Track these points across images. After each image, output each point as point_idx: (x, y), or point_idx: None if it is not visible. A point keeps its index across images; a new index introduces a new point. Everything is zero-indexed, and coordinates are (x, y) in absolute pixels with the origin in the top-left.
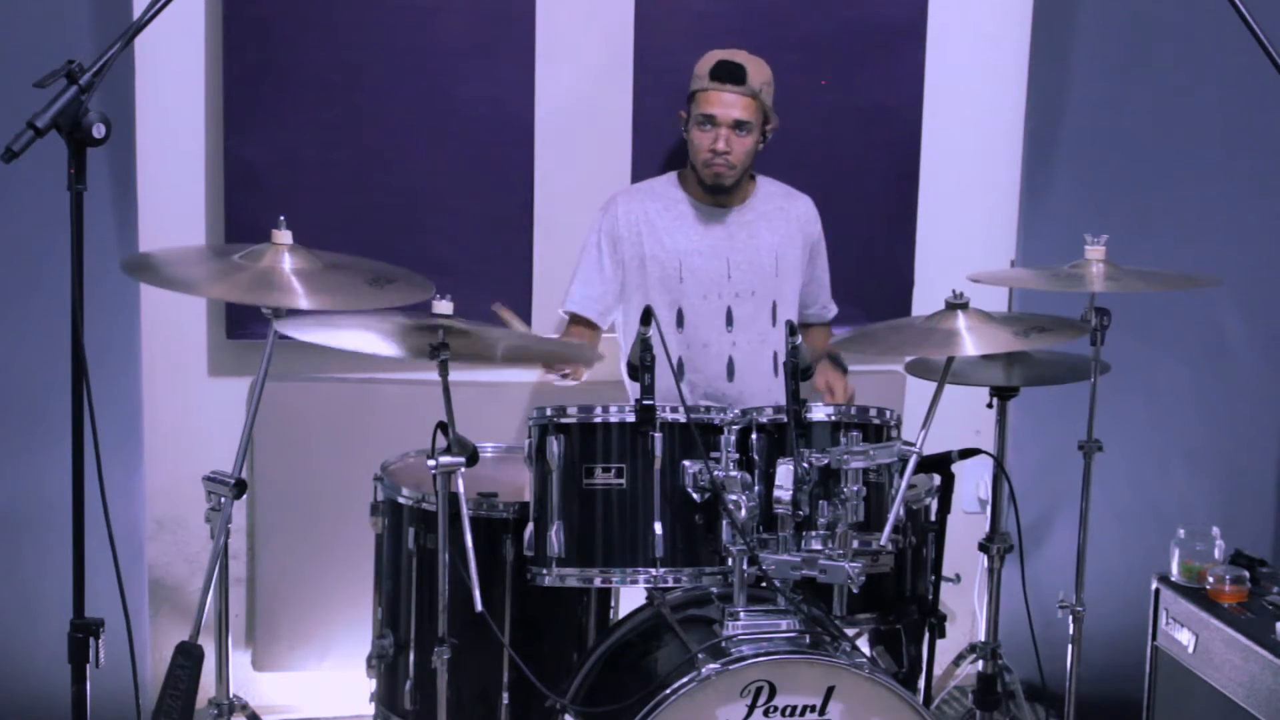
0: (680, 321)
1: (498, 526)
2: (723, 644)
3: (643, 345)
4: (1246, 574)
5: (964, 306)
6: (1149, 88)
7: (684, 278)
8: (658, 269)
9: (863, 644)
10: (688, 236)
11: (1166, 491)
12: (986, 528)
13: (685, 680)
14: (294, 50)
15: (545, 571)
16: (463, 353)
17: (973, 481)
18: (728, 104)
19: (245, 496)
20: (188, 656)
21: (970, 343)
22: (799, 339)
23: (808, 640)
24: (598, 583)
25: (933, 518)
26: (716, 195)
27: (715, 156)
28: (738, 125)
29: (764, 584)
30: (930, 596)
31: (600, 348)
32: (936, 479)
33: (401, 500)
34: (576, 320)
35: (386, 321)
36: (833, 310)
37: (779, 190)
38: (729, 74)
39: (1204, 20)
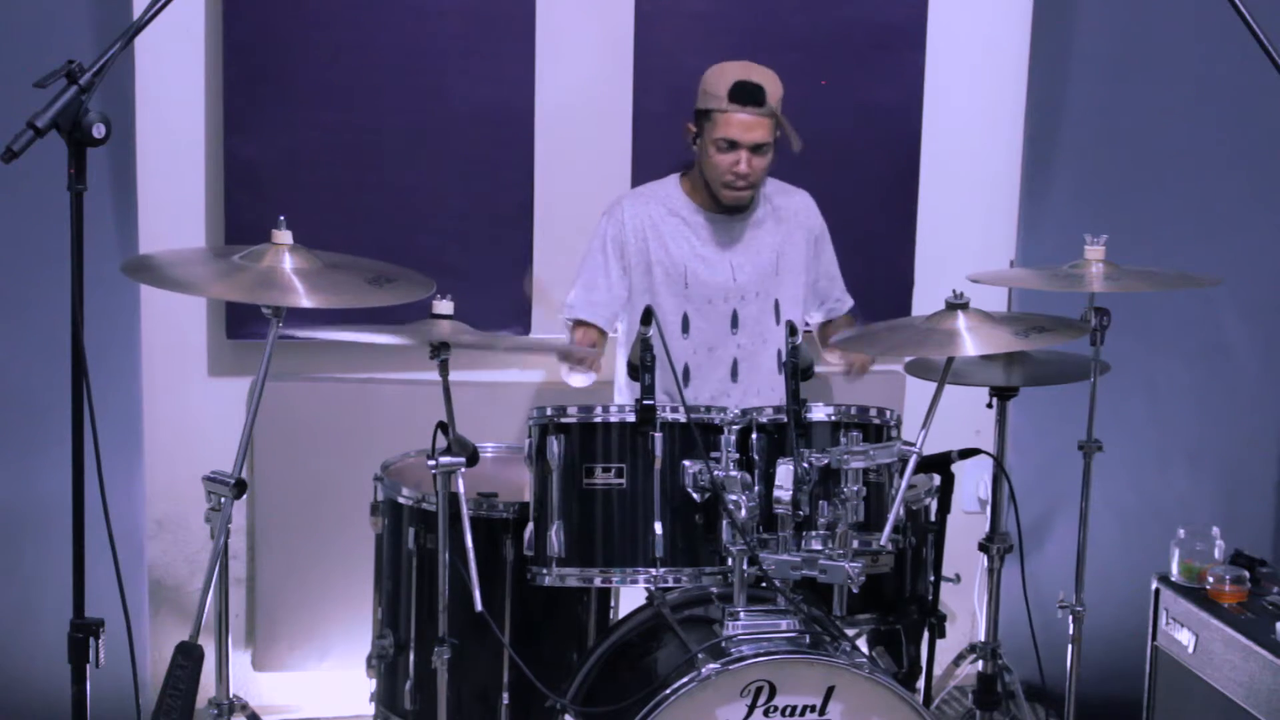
0: (686, 327)
1: (498, 526)
2: (723, 644)
3: (643, 345)
4: (1246, 574)
5: (964, 306)
6: (1149, 88)
7: (689, 283)
8: (663, 274)
9: (863, 644)
10: (691, 243)
11: (1166, 491)
12: (986, 528)
13: (685, 680)
14: (294, 50)
15: (545, 571)
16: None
17: (973, 481)
18: (748, 126)
19: (245, 496)
20: (188, 656)
21: (970, 343)
22: (799, 339)
23: (808, 640)
24: (598, 583)
25: (933, 518)
26: (730, 211)
27: (737, 179)
28: (757, 147)
29: (764, 584)
30: (930, 596)
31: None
32: (936, 479)
33: (401, 500)
34: (581, 326)
35: (387, 323)
36: (848, 302)
37: (775, 188)
38: (749, 96)
39: (1204, 20)
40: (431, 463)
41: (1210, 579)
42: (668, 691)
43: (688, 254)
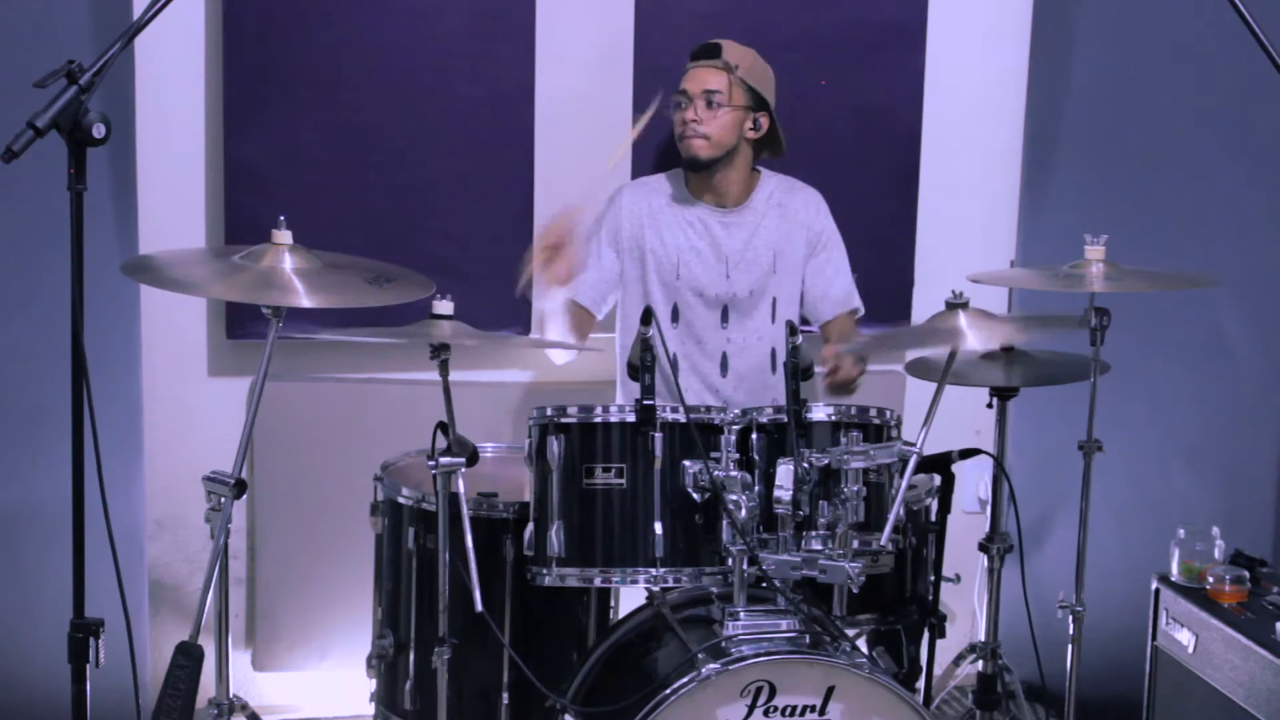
0: (675, 317)
1: (498, 526)
2: (723, 644)
3: (643, 345)
4: (1246, 574)
5: (964, 306)
6: (1149, 88)
7: (681, 274)
8: (655, 264)
9: (863, 644)
10: (686, 235)
11: (1166, 491)
12: (986, 528)
13: (685, 680)
14: (294, 50)
15: (545, 571)
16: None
17: (973, 481)
18: (700, 79)
19: (245, 496)
20: (188, 656)
21: (972, 336)
22: (799, 339)
23: (808, 640)
24: (598, 583)
25: (933, 518)
26: (691, 169)
27: (686, 128)
28: (710, 97)
29: (764, 584)
30: (930, 597)
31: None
32: (936, 479)
33: (401, 500)
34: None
35: (388, 324)
36: (854, 304)
37: (781, 185)
38: (704, 51)
39: (1204, 20)
40: (431, 463)
41: (1210, 579)
42: (668, 691)
43: (682, 245)
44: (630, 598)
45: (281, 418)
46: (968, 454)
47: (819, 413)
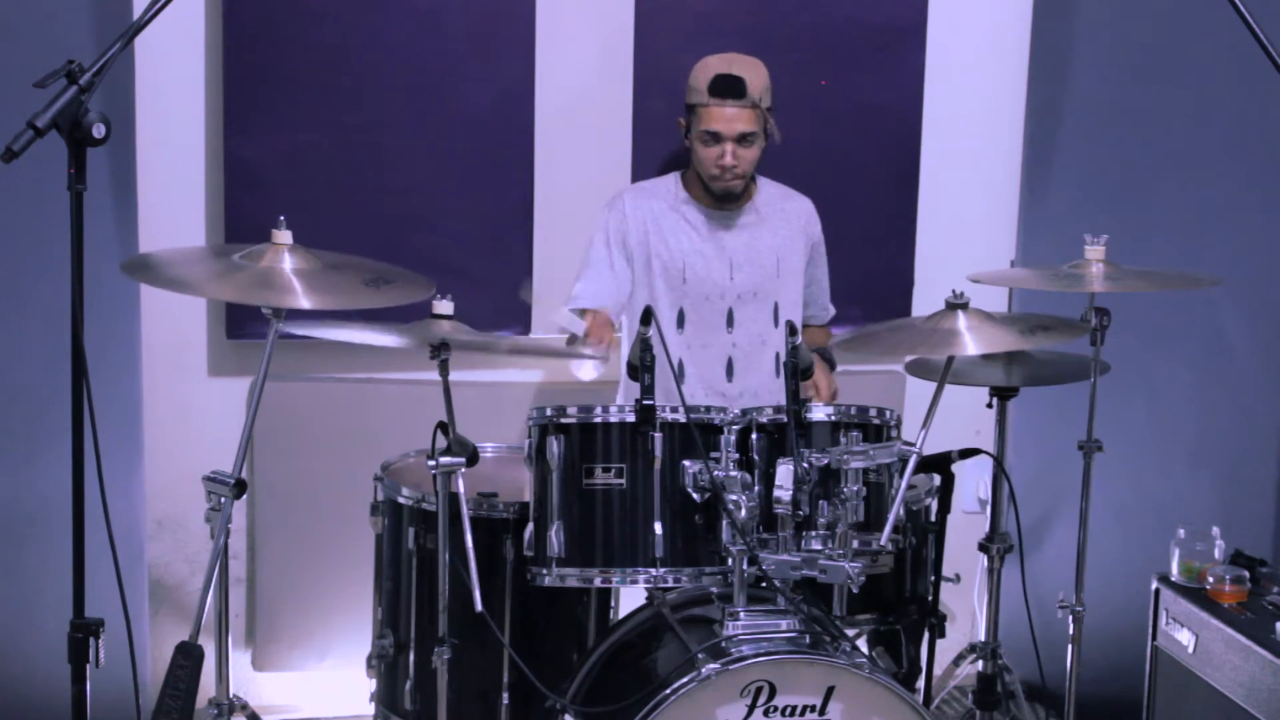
0: (681, 322)
1: (498, 526)
2: (723, 644)
3: (642, 345)
4: (1246, 574)
5: (964, 306)
6: (1149, 88)
7: (687, 278)
8: (661, 268)
9: (863, 644)
10: (690, 238)
11: (1166, 491)
12: (986, 528)
13: (685, 680)
14: (294, 50)
15: (545, 571)
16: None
17: (973, 481)
18: (730, 119)
19: (245, 496)
20: (188, 656)
21: (970, 342)
22: (799, 339)
23: (808, 640)
24: (598, 583)
25: (933, 518)
26: (722, 201)
27: (724, 172)
28: (742, 138)
29: (764, 584)
30: (930, 597)
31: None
32: (936, 479)
33: (401, 500)
34: (588, 316)
35: (388, 324)
36: (830, 312)
37: (779, 192)
38: (729, 89)
39: (1204, 20)
40: (431, 463)
41: (1210, 579)
42: (668, 691)
43: (687, 249)
44: (630, 598)
45: (281, 418)
46: (968, 454)
47: (819, 413)
